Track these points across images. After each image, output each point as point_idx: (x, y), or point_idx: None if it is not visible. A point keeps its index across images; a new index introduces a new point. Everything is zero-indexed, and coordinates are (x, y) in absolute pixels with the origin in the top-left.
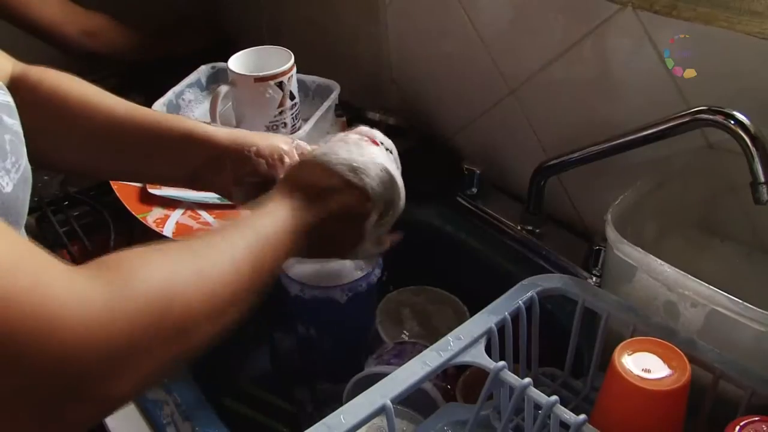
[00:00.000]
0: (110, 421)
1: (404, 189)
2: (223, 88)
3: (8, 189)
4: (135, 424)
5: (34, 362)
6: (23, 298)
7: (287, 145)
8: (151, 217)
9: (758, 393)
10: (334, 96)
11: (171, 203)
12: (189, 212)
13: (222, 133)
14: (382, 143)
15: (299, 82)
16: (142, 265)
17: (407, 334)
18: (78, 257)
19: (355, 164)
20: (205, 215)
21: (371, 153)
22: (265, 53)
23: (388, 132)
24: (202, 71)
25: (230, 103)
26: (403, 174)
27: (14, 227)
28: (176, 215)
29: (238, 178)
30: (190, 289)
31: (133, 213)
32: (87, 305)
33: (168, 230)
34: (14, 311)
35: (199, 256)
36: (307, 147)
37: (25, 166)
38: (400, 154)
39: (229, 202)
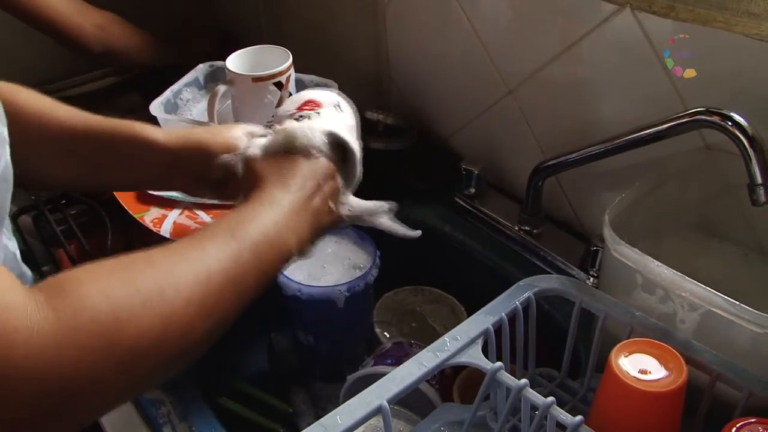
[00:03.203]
0: (106, 420)
1: (358, 149)
2: (221, 88)
3: None
4: (132, 424)
5: None
6: None
7: (241, 136)
8: (149, 216)
9: (755, 394)
10: None
11: (169, 203)
12: (186, 212)
13: (172, 138)
14: (324, 104)
15: (297, 81)
16: (92, 291)
17: (404, 334)
18: (75, 256)
19: (301, 140)
20: (202, 215)
21: (311, 124)
22: (263, 52)
23: (386, 131)
24: (200, 70)
25: (229, 102)
26: (401, 173)
27: None
28: (174, 215)
29: (198, 178)
30: (146, 313)
31: (131, 212)
32: (36, 337)
33: (165, 230)
34: None
35: (161, 272)
36: (260, 131)
37: (5, 166)
38: (398, 153)
39: (228, 203)
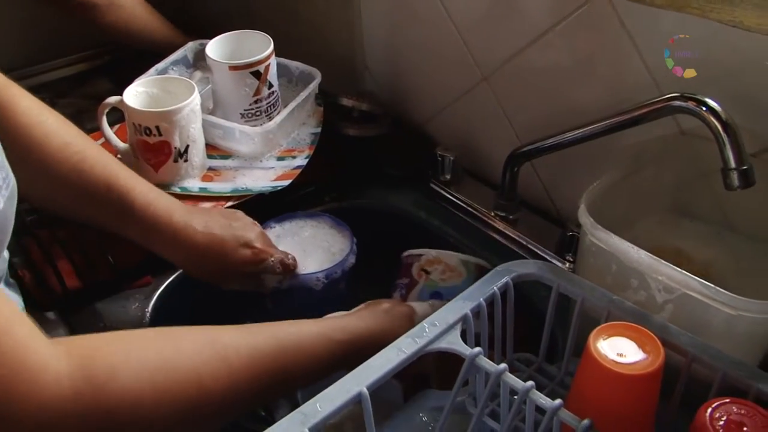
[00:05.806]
0: None
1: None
2: (197, 74)
3: (0, 206)
4: None
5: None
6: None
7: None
8: None
9: (729, 375)
10: (313, 86)
11: None
12: None
13: (174, 216)
14: None
15: (283, 67)
16: (120, 373)
17: None
18: (46, 246)
19: None
20: None
21: None
22: (245, 38)
23: (360, 118)
24: (189, 48)
25: (209, 87)
26: (377, 159)
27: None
28: None
29: None
30: (161, 410)
31: None
32: (60, 398)
33: None
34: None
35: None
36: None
37: (13, 182)
38: (373, 139)
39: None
